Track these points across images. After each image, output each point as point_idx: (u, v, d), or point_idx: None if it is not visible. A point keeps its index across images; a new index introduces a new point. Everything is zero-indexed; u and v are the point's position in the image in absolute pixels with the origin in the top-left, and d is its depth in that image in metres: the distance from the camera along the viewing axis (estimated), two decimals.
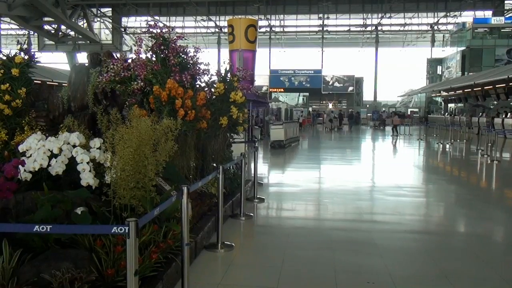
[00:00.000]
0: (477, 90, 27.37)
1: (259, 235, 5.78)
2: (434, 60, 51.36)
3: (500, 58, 40.49)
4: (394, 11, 47.21)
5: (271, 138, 17.55)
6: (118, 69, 5.85)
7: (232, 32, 14.52)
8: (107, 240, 3.61)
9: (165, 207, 3.47)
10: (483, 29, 43.49)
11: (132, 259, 2.66)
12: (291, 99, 53.16)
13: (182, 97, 5.54)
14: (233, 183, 6.91)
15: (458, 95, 33.49)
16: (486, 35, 43.26)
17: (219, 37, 53.13)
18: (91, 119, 5.80)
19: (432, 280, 4.20)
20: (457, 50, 44.49)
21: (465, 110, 37.25)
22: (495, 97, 25.79)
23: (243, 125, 6.48)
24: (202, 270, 4.29)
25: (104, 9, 49.89)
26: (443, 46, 50.31)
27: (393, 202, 7.77)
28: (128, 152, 4.06)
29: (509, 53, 40.64)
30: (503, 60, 40.00)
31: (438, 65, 50.65)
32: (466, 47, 42.44)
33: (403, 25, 50.62)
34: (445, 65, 48.91)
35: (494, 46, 41.44)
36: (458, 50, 44.00)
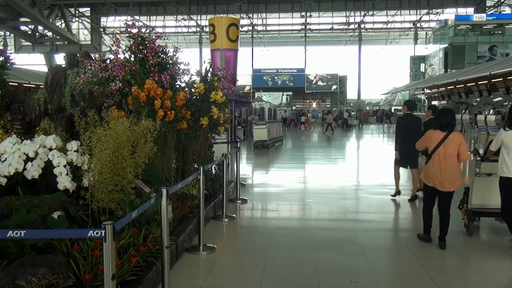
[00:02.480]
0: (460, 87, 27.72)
1: (242, 237, 5.74)
2: (417, 58, 51.89)
3: (482, 55, 41.06)
4: (376, 9, 47.63)
5: (254, 138, 17.52)
6: (96, 70, 5.74)
7: (213, 31, 14.44)
8: (85, 245, 3.53)
9: (143, 209, 3.41)
10: (465, 26, 44.06)
11: (109, 263, 2.61)
12: (275, 98, 53.21)
13: (161, 98, 5.47)
14: (215, 184, 6.86)
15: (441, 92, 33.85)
16: (468, 32, 43.84)
17: (200, 36, 52.86)
18: (68, 121, 5.68)
19: (414, 277, 4.23)
20: (439, 47, 45.00)
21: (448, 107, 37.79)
22: (478, 94, 26.13)
23: (224, 125, 6.43)
24: (183, 273, 4.24)
25: (82, 9, 49.14)
26: (426, 44, 50.85)
27: (377, 200, 7.81)
28: (106, 154, 3.98)
29: (491, 50, 41.26)
30: (485, 57, 40.58)
31: (421, 62, 51.17)
32: (448, 44, 42.96)
33: (385, 22, 51.11)
34: (428, 63, 49.46)
35: (476, 43, 42.01)
36: (441, 48, 44.51)
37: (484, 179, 5.52)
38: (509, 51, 39.37)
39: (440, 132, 4.99)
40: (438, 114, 5.28)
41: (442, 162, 4.93)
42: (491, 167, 5.40)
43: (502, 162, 4.85)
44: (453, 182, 4.96)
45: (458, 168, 5.03)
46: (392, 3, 47.91)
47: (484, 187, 5.51)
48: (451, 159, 4.95)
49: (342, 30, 53.16)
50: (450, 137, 4.94)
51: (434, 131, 5.08)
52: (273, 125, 19.99)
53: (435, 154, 4.98)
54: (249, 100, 26.07)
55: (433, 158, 5.01)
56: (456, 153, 4.95)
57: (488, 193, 5.46)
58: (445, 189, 4.98)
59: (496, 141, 4.98)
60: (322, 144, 20.93)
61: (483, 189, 5.51)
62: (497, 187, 5.06)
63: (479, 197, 5.50)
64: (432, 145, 5.01)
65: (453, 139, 4.94)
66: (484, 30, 43.51)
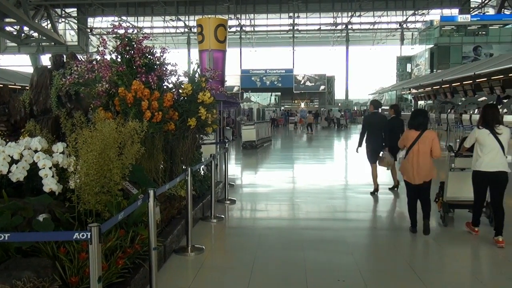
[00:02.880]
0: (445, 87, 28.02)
1: (230, 237, 5.74)
2: (403, 58, 52.38)
3: (467, 55, 41.59)
4: (363, 10, 48.01)
5: (243, 139, 17.51)
6: (82, 71, 5.70)
7: (201, 32, 14.43)
8: (71, 247, 3.51)
9: (130, 211, 3.39)
10: (450, 27, 44.62)
11: (95, 266, 2.59)
12: (263, 99, 53.26)
13: (149, 99, 5.45)
14: (203, 185, 6.84)
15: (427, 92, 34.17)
16: (453, 33, 44.39)
17: (188, 37, 52.67)
18: (54, 123, 5.62)
19: (401, 274, 4.28)
20: (425, 47, 45.48)
21: (434, 107, 38.17)
22: (463, 94, 26.44)
23: (212, 126, 6.42)
24: (171, 274, 4.22)
25: (69, 9, 48.68)
26: (412, 44, 51.35)
27: (364, 199, 7.87)
28: (92, 156, 3.96)
29: (475, 50, 41.80)
30: (470, 57, 41.10)
31: (408, 62, 51.67)
32: (434, 45, 43.45)
33: (372, 23, 51.52)
34: (414, 63, 49.95)
35: (461, 43, 42.53)
36: (427, 48, 44.99)
37: (457, 173, 5.88)
38: (493, 52, 39.92)
39: (414, 131, 5.42)
40: (411, 115, 5.70)
41: (415, 159, 5.35)
42: (464, 162, 5.77)
43: (476, 157, 5.17)
44: (423, 177, 5.37)
45: (430, 164, 5.42)
46: (378, 4, 48.36)
47: (458, 181, 5.85)
48: (424, 156, 5.35)
49: (329, 31, 53.46)
50: (423, 135, 5.37)
51: (409, 130, 5.51)
52: (261, 125, 20.02)
53: (410, 151, 5.42)
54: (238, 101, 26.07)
55: (409, 155, 5.44)
56: (429, 150, 5.35)
57: (461, 187, 5.80)
58: (416, 182, 5.41)
59: (470, 138, 5.30)
60: (311, 144, 21.01)
61: (457, 182, 5.85)
62: (470, 181, 5.37)
63: (453, 190, 5.86)
64: (408, 143, 5.44)
65: (426, 137, 5.36)
66: (468, 30, 44.11)
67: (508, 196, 8.12)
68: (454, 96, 29.30)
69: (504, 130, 5.10)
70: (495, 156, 5.02)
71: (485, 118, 5.19)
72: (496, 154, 5.02)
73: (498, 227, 4.98)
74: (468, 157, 5.53)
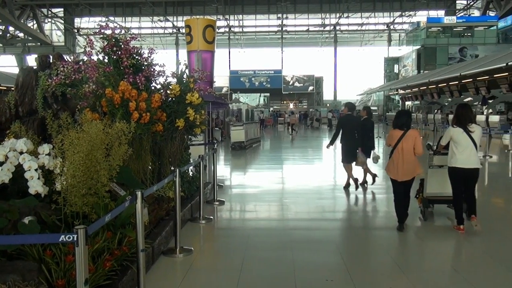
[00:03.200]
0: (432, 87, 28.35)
1: (219, 238, 5.73)
2: (391, 59, 52.81)
3: (453, 56, 42.06)
4: (351, 11, 48.31)
5: (232, 140, 17.49)
6: (69, 71, 5.65)
7: (189, 32, 14.35)
8: (57, 250, 3.47)
9: (117, 213, 3.37)
10: (437, 28, 45.13)
11: (81, 268, 2.57)
12: (252, 99, 53.24)
13: (136, 100, 5.42)
14: (191, 186, 6.82)
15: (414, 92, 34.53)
16: (439, 34, 44.88)
17: (177, 37, 52.47)
18: (40, 124, 5.56)
19: (388, 274, 4.31)
20: (412, 49, 45.93)
21: (421, 107, 38.55)
22: (449, 94, 26.78)
23: (200, 126, 6.41)
24: (159, 276, 4.20)
25: (55, 9, 48.17)
26: (399, 45, 51.81)
27: (352, 199, 7.92)
28: (79, 157, 3.92)
29: (461, 51, 42.30)
30: (456, 58, 41.58)
31: (395, 63, 52.11)
32: (421, 46, 43.89)
33: (360, 24, 51.86)
34: (401, 64, 50.39)
35: (447, 44, 43.03)
36: (414, 49, 45.43)
37: (436, 170, 6.14)
38: (478, 53, 40.44)
39: (398, 131, 5.71)
40: (396, 115, 6.01)
41: (401, 156, 5.62)
42: (442, 160, 6.02)
43: (451, 154, 5.50)
44: (408, 173, 5.64)
45: (414, 162, 5.68)
46: (366, 5, 48.73)
47: (436, 178, 6.11)
48: (409, 154, 5.61)
49: (317, 32, 53.68)
50: (407, 134, 5.63)
51: (394, 130, 5.79)
52: (250, 126, 20.02)
53: (395, 149, 5.69)
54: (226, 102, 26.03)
55: (394, 153, 5.71)
56: (412, 148, 5.61)
57: (440, 183, 6.05)
58: (400, 179, 5.66)
59: (446, 137, 5.63)
60: (299, 145, 21.07)
61: (436, 179, 6.12)
62: (447, 177, 5.69)
63: (433, 186, 6.14)
64: (393, 142, 5.71)
65: (410, 136, 5.62)
66: (454, 32, 44.67)
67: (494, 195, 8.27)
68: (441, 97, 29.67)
69: (476, 128, 5.43)
70: (469, 154, 5.35)
71: (459, 117, 5.50)
72: (470, 152, 5.36)
73: (472, 209, 5.48)
74: (445, 154, 5.79)
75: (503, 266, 4.40)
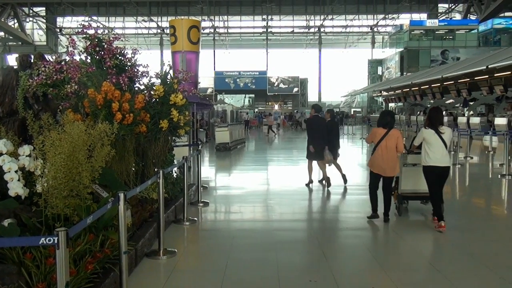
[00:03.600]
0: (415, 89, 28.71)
1: (203, 240, 5.71)
2: (374, 61, 53.39)
3: (435, 58, 42.73)
4: (335, 13, 48.72)
5: (216, 141, 17.44)
6: (50, 71, 5.57)
7: (174, 33, 14.29)
8: (37, 253, 3.42)
9: (99, 214, 3.33)
10: (419, 31, 45.79)
11: (62, 271, 2.53)
12: (237, 101, 53.23)
13: (119, 100, 5.36)
14: (175, 187, 6.78)
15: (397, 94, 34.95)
16: (422, 37, 45.55)
17: (161, 38, 52.19)
18: (21, 125, 5.46)
19: (371, 273, 4.35)
20: (395, 51, 46.51)
21: (404, 109, 39.04)
22: (432, 96, 27.18)
23: (184, 128, 6.38)
24: (142, 278, 4.16)
25: (37, 8, 47.44)
26: (383, 48, 52.39)
27: (336, 201, 7.97)
28: (60, 158, 3.86)
29: (443, 54, 42.98)
30: (438, 60, 42.24)
31: (379, 65, 52.68)
32: (404, 48, 44.47)
33: (344, 26, 52.35)
34: (385, 66, 50.98)
35: (430, 47, 43.70)
36: (397, 51, 46.01)
37: (410, 168, 6.51)
38: (460, 55, 41.14)
39: (382, 129, 6.12)
40: (380, 115, 6.46)
41: (384, 153, 6.03)
42: (415, 158, 6.39)
43: (425, 154, 5.81)
44: (393, 169, 6.08)
45: (396, 158, 6.13)
46: (350, 7, 49.21)
47: (410, 176, 6.48)
48: (391, 151, 6.03)
49: (302, 34, 54.03)
50: (390, 133, 6.06)
51: (377, 128, 6.23)
52: (235, 127, 20.00)
53: (378, 146, 6.09)
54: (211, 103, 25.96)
55: (377, 150, 6.10)
56: (395, 146, 6.05)
57: (414, 181, 6.43)
58: (387, 175, 6.10)
59: (419, 138, 5.97)
60: (284, 146, 21.15)
61: (410, 177, 6.48)
62: (421, 175, 6.04)
63: (407, 184, 6.51)
64: (376, 140, 6.11)
65: (392, 135, 6.06)
66: (436, 35, 45.38)
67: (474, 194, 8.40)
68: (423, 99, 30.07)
69: (446, 130, 5.81)
70: (441, 153, 5.69)
71: (431, 119, 5.87)
72: (441, 152, 5.70)
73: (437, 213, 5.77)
74: (418, 153, 6.16)
75: (481, 264, 4.48)
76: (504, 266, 4.46)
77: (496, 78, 19.19)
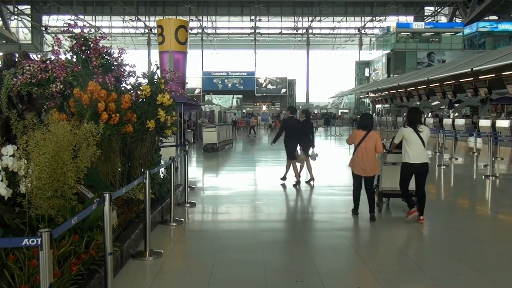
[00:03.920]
0: (401, 91, 29.01)
1: (190, 240, 5.68)
2: (362, 63, 53.74)
3: (421, 61, 43.18)
4: (323, 15, 48.97)
5: (204, 141, 17.38)
6: (35, 70, 5.49)
7: (161, 33, 14.25)
8: (21, 254, 3.37)
9: (84, 215, 3.29)
10: (406, 33, 46.24)
11: (45, 273, 2.50)
12: (225, 101, 53.16)
13: (105, 100, 5.32)
14: (162, 188, 6.74)
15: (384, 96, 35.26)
16: (408, 39, 46.01)
17: (149, 38, 51.84)
18: (4, 125, 5.38)
19: (357, 274, 4.38)
20: (382, 53, 46.88)
21: (391, 111, 39.40)
22: (418, 98, 27.50)
23: (171, 128, 6.35)
24: (128, 279, 4.13)
25: (22, 6, 46.74)
26: (370, 49, 52.77)
27: (323, 201, 8.01)
28: (45, 159, 3.81)
29: (429, 56, 43.47)
30: (424, 63, 42.69)
31: (366, 67, 53.04)
32: (390, 50, 44.87)
33: (332, 28, 52.64)
34: (372, 68, 51.35)
35: (416, 49, 44.18)
36: (384, 53, 46.38)
37: (390, 167, 6.85)
38: (445, 58, 41.67)
39: (361, 131, 6.36)
40: (360, 118, 6.84)
41: (364, 154, 6.27)
42: (394, 158, 6.72)
43: (405, 151, 6.15)
44: (372, 169, 6.33)
45: (375, 159, 6.40)
46: (338, 9, 49.52)
47: (390, 174, 6.78)
48: (370, 152, 6.28)
49: (290, 35, 54.18)
50: (369, 135, 6.30)
51: (357, 130, 6.48)
52: (223, 128, 19.96)
53: (358, 148, 6.32)
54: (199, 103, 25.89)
55: (357, 151, 6.34)
56: (373, 147, 6.29)
57: (393, 179, 6.68)
58: (367, 175, 6.33)
59: (398, 136, 6.36)
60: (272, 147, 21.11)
61: (390, 175, 6.78)
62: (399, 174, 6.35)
63: (387, 182, 6.83)
64: (356, 141, 6.35)
65: (371, 136, 6.30)
66: (422, 37, 45.89)
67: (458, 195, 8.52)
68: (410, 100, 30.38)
69: (424, 129, 6.15)
70: (419, 151, 6.03)
71: (410, 119, 6.21)
72: (420, 149, 6.04)
73: (421, 208, 6.07)
74: (397, 153, 6.53)
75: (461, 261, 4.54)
76: (490, 265, 4.53)
77: (480, 80, 19.48)
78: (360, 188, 6.48)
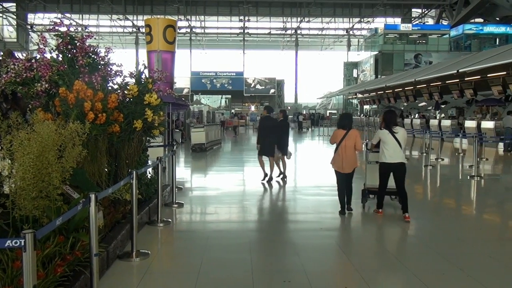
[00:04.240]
0: (389, 92, 29.26)
1: (177, 241, 5.66)
2: (350, 64, 54.05)
3: (408, 62, 43.60)
4: (312, 16, 49.17)
5: (192, 142, 17.30)
6: (20, 69, 5.41)
7: (149, 32, 14.14)
8: (4, 256, 3.32)
9: (69, 216, 3.26)
10: (393, 35, 46.65)
11: (29, 274, 2.47)
12: (213, 101, 53.05)
13: (92, 100, 5.26)
14: (149, 188, 6.69)
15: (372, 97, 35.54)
16: (396, 41, 46.41)
17: (137, 37, 51.48)
18: None
19: (345, 274, 4.40)
20: (370, 54, 47.23)
21: (379, 111, 39.69)
22: (405, 99, 27.76)
23: (159, 128, 6.30)
24: (114, 281, 4.09)
25: (6, 4, 46.06)
26: (358, 50, 53.12)
27: (311, 201, 8.03)
28: (29, 159, 3.76)
29: (416, 57, 43.91)
30: (411, 64, 43.12)
31: (354, 68, 53.36)
32: (378, 52, 45.22)
33: (321, 29, 52.89)
34: (360, 68, 51.68)
35: (403, 51, 44.60)
36: (372, 54, 46.73)
37: (373, 165, 7.15)
38: (432, 59, 42.13)
39: (342, 131, 6.65)
40: (339, 118, 7.20)
41: (343, 152, 6.56)
42: (377, 156, 6.90)
43: (381, 152, 6.50)
44: (350, 166, 6.60)
45: (355, 156, 6.69)
46: (326, 10, 49.77)
47: (374, 172, 7.01)
48: (350, 150, 6.57)
49: (279, 35, 54.28)
50: (349, 133, 6.59)
51: (338, 130, 6.74)
52: (211, 128, 19.90)
53: (339, 146, 6.61)
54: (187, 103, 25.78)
55: (338, 150, 6.63)
56: (353, 145, 6.59)
57: (376, 176, 6.85)
58: (345, 171, 6.62)
59: (375, 137, 6.70)
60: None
61: (374, 173, 7.02)
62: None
63: (371, 179, 7.15)
64: (337, 140, 6.65)
65: (351, 135, 6.59)
66: (410, 39, 46.34)
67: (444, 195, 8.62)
68: (397, 101, 30.65)
69: (399, 130, 6.44)
70: (394, 151, 6.34)
71: (385, 121, 6.53)
72: (395, 149, 6.35)
73: (404, 206, 6.33)
74: (378, 152, 6.77)
75: (446, 261, 4.59)
76: (475, 264, 4.59)
77: (466, 82, 19.74)
78: (343, 185, 6.71)
